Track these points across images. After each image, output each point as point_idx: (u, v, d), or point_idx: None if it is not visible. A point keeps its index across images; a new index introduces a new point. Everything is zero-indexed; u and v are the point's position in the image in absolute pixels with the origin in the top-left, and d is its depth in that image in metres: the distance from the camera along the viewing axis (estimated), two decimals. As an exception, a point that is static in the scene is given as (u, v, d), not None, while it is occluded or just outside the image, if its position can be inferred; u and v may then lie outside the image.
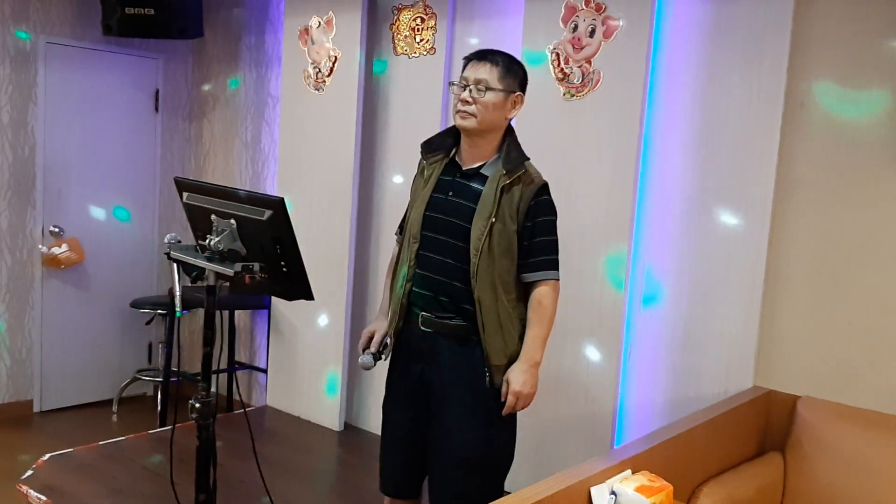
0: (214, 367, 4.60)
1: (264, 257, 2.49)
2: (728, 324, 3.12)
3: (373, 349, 2.63)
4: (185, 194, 2.74)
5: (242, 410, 2.74)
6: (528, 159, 2.45)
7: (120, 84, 4.92)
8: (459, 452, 2.40)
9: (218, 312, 4.80)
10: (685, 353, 3.25)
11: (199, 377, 4.86)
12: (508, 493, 2.25)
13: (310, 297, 2.54)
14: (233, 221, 2.53)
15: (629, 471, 2.19)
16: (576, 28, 3.34)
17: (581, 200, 3.34)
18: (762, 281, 3.04)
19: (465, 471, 2.40)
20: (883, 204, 2.83)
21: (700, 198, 3.18)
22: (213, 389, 5.08)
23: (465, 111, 2.38)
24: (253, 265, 2.47)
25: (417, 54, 4.03)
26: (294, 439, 4.22)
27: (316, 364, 4.42)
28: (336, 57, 4.21)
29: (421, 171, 2.59)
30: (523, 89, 2.46)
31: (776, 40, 2.96)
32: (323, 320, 4.34)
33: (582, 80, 3.33)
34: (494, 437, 2.43)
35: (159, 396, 4.81)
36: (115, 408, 4.96)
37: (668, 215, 3.27)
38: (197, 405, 2.66)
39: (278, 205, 2.39)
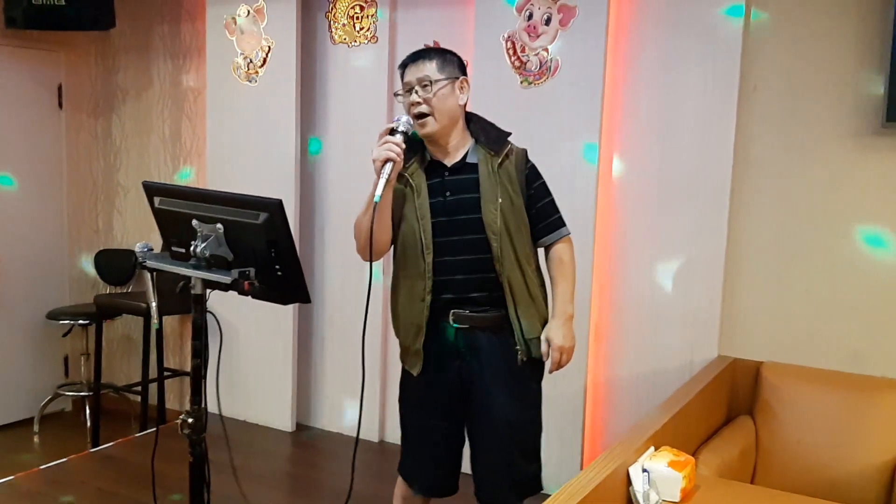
0: (141, 378, 4.40)
1: (256, 261, 2.39)
2: (692, 298, 3.28)
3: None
4: (156, 199, 2.58)
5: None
6: (511, 133, 2.46)
7: (19, 80, 4.54)
8: (509, 435, 2.42)
9: (142, 319, 4.58)
10: (651, 329, 3.38)
11: (131, 388, 4.63)
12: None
13: (306, 299, 2.46)
14: (219, 226, 2.40)
15: (652, 448, 2.28)
16: (531, 16, 3.38)
17: (544, 186, 3.40)
18: (723, 256, 3.21)
19: (513, 450, 2.42)
20: (833, 177, 3.05)
21: (661, 180, 3.31)
22: (132, 398, 4.82)
23: (420, 113, 2.34)
24: (248, 271, 2.37)
25: (358, 43, 3.96)
26: (248, 444, 4.09)
27: (261, 363, 4.29)
28: (269, 47, 4.06)
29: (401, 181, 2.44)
30: (464, 73, 2.44)
31: (730, 27, 3.11)
32: (267, 317, 4.20)
33: (540, 69, 3.38)
34: (534, 418, 2.48)
35: (88, 412, 4.52)
36: (36, 428, 4.61)
37: (630, 198, 3.39)
38: (189, 420, 2.52)
39: (276, 207, 2.29)
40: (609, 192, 3.41)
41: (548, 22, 3.35)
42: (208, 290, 2.53)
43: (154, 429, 4.37)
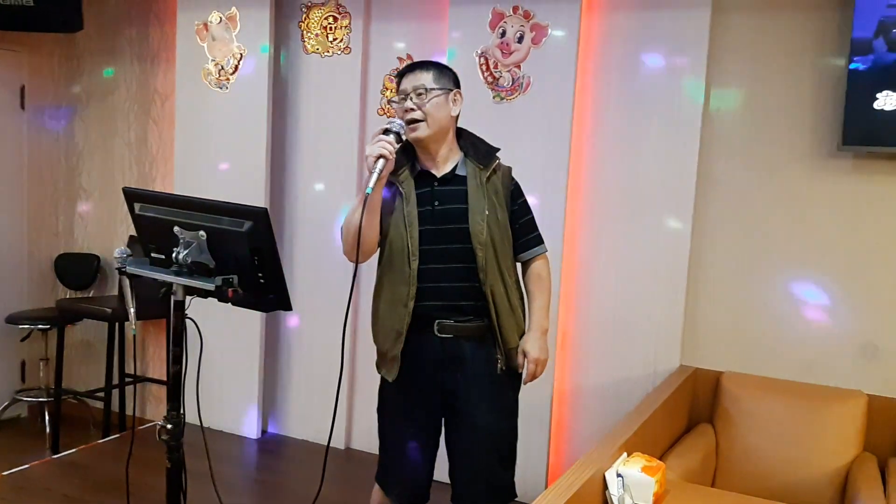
0: (105, 384, 4.36)
1: (238, 269, 2.42)
2: (655, 310, 3.41)
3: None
4: (136, 205, 2.58)
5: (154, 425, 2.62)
6: (499, 150, 2.55)
7: (-19, 80, 4.47)
8: (489, 443, 2.48)
9: (106, 325, 4.54)
10: (616, 339, 3.50)
11: (94, 394, 4.58)
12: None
13: (288, 307, 2.49)
14: (202, 233, 2.42)
15: (625, 454, 2.37)
16: (504, 34, 3.47)
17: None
18: (686, 269, 3.34)
19: (492, 457, 2.49)
20: (790, 196, 3.21)
21: (627, 195, 3.43)
22: (92, 404, 4.76)
23: (413, 119, 2.41)
24: (232, 278, 2.40)
25: (331, 54, 4.00)
26: (214, 451, 4.05)
27: (228, 370, 4.28)
28: (241, 55, 4.08)
29: (391, 188, 2.50)
30: (458, 86, 2.53)
31: (695, 50, 3.25)
32: (234, 324, 4.20)
33: (512, 85, 3.47)
34: (513, 427, 2.55)
35: (47, 418, 4.46)
36: (-7, 434, 4.53)
37: (597, 212, 3.50)
38: (168, 426, 2.55)
39: (261, 215, 2.33)
40: (577, 206, 3.52)
41: (520, 40, 3.44)
42: (188, 297, 2.57)
43: (117, 434, 4.34)
